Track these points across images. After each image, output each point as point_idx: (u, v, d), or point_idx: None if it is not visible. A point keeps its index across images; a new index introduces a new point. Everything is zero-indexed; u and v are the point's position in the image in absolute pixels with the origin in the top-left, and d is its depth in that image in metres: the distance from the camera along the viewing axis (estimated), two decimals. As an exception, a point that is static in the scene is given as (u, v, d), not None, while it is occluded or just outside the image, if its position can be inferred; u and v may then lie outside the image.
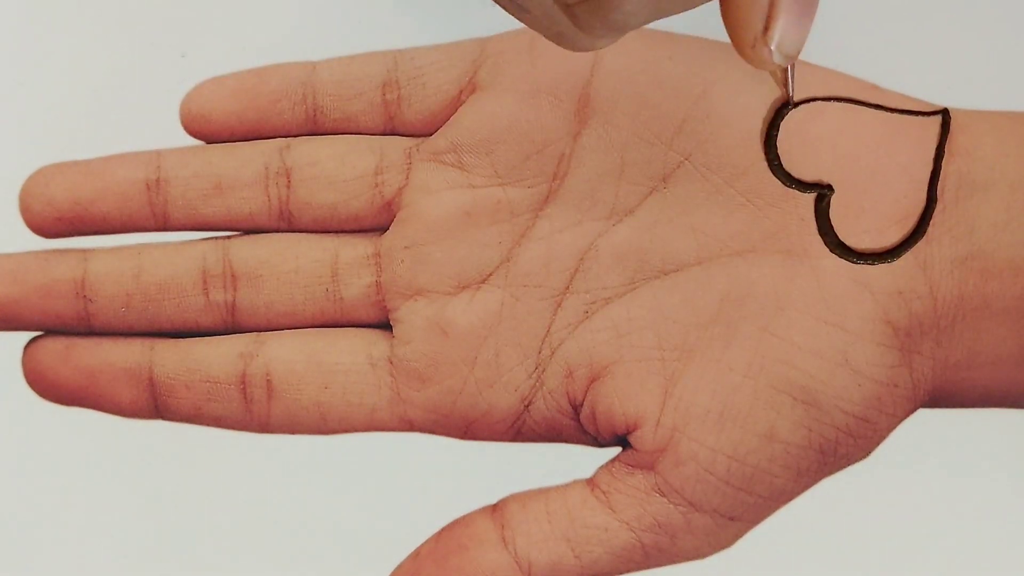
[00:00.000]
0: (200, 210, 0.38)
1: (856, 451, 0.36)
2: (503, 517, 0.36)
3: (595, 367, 0.36)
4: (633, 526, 0.36)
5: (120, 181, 0.38)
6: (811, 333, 0.35)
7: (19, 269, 0.38)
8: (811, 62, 0.37)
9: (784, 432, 0.35)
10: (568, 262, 0.37)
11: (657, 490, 0.36)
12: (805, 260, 0.36)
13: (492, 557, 0.36)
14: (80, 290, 0.37)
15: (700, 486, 0.35)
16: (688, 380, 0.36)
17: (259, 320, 0.38)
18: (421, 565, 0.36)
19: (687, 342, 0.36)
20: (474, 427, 0.37)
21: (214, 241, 0.38)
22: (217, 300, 0.38)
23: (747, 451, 0.35)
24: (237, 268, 0.38)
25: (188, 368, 0.37)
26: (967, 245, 0.35)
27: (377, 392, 0.37)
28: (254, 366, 0.37)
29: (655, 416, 0.36)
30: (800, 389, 0.35)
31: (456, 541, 0.36)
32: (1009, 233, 0.35)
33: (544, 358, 0.37)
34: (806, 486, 0.36)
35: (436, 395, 0.37)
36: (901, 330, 0.35)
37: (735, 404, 0.35)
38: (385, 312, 0.38)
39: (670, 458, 0.35)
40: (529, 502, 0.36)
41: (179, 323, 0.38)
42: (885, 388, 0.35)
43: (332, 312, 0.38)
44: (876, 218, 0.36)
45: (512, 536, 0.36)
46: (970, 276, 0.35)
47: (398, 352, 0.37)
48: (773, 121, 0.36)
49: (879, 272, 0.35)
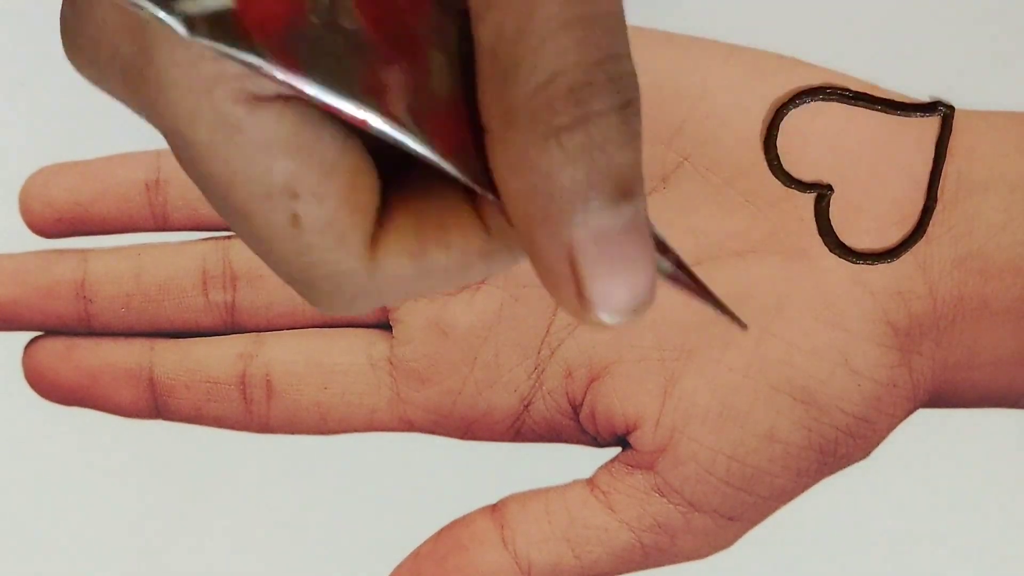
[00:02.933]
0: (200, 210, 0.38)
1: (856, 451, 0.36)
2: (503, 517, 0.36)
3: (595, 367, 0.36)
4: (633, 526, 0.36)
5: (120, 182, 0.38)
6: (811, 333, 0.35)
7: (19, 270, 0.38)
8: (811, 62, 0.37)
9: (784, 432, 0.35)
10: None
11: (657, 490, 0.36)
12: (805, 260, 0.36)
13: (492, 557, 0.36)
14: (80, 290, 0.37)
15: (700, 486, 0.35)
16: (688, 380, 0.36)
17: (259, 320, 0.38)
18: (421, 565, 0.36)
19: (687, 342, 0.36)
20: (474, 427, 0.37)
21: (214, 241, 0.38)
22: (217, 300, 0.38)
23: (747, 451, 0.35)
24: (237, 268, 0.38)
25: (188, 368, 0.37)
26: (966, 245, 0.35)
27: (377, 392, 0.37)
28: (254, 366, 0.37)
29: (655, 416, 0.36)
30: (800, 389, 0.35)
31: (456, 541, 0.36)
32: (1008, 233, 0.35)
33: (544, 358, 0.37)
34: (806, 486, 0.36)
35: (436, 395, 0.37)
36: (901, 330, 0.35)
37: (735, 404, 0.35)
38: (385, 312, 0.38)
39: (670, 458, 0.35)
40: (529, 502, 0.36)
41: (179, 323, 0.38)
42: (885, 388, 0.35)
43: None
44: (876, 218, 0.36)
45: (512, 536, 0.36)
46: (969, 276, 0.35)
47: (398, 352, 0.37)
48: (773, 121, 0.36)
49: (879, 272, 0.35)
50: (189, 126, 0.22)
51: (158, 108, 0.23)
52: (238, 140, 0.22)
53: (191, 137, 0.23)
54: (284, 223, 0.23)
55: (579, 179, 0.22)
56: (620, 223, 0.22)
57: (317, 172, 0.23)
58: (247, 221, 0.23)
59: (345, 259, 0.24)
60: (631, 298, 0.23)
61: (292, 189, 0.23)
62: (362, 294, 0.24)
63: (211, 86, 0.22)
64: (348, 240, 0.24)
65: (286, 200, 0.23)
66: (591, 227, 0.22)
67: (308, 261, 0.24)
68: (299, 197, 0.23)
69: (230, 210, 0.23)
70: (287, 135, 0.23)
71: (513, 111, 0.22)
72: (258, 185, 0.23)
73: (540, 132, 0.22)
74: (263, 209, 0.23)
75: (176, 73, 0.22)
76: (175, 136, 0.23)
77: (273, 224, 0.23)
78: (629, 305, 0.23)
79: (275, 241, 0.23)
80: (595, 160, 0.22)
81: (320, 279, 0.24)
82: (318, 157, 0.23)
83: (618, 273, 0.22)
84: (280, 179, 0.23)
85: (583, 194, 0.22)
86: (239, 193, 0.23)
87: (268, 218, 0.23)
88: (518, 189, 0.22)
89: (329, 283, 0.24)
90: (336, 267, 0.24)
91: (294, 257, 0.24)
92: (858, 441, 0.35)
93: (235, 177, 0.23)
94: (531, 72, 0.22)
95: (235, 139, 0.22)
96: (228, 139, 0.22)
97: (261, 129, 0.22)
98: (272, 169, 0.23)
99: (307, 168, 0.23)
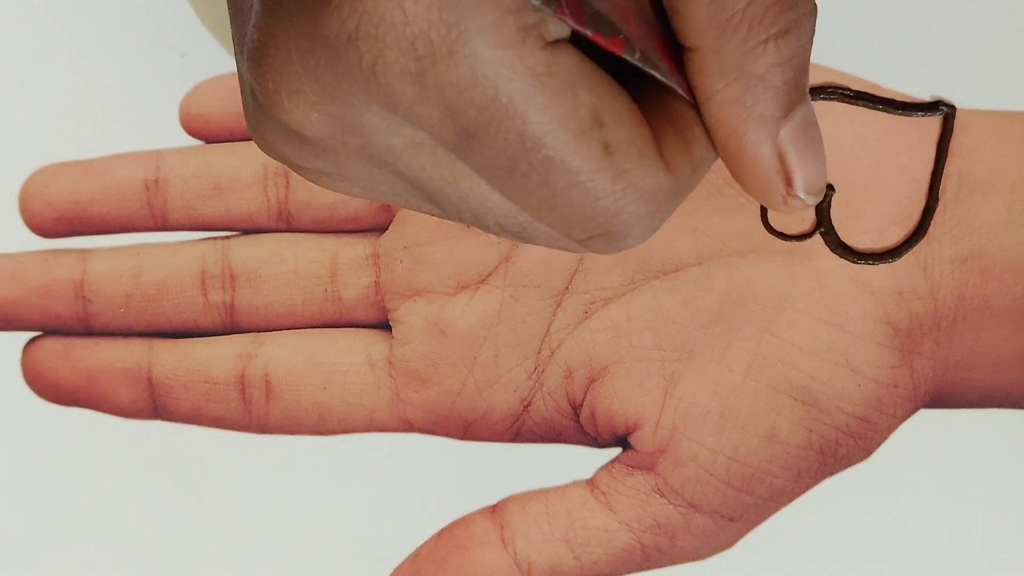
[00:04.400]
0: (199, 210, 0.38)
1: (856, 452, 0.36)
2: (503, 518, 0.36)
3: (595, 367, 0.36)
4: (633, 527, 0.36)
5: (119, 181, 0.38)
6: (811, 333, 0.35)
7: (18, 269, 0.38)
8: (812, 62, 0.36)
9: (784, 433, 0.35)
10: (567, 262, 0.37)
11: (657, 491, 0.35)
12: (805, 260, 0.36)
13: (491, 558, 0.36)
14: (79, 290, 0.37)
15: (700, 487, 0.35)
16: (688, 381, 0.36)
17: (258, 320, 0.38)
18: (421, 566, 0.36)
19: (687, 342, 0.36)
20: (473, 428, 0.37)
21: (213, 241, 0.38)
22: (216, 300, 0.38)
23: (747, 452, 0.35)
24: (236, 268, 0.38)
25: (187, 368, 0.37)
26: (967, 245, 0.35)
27: (376, 393, 0.37)
28: (253, 367, 0.37)
29: (655, 417, 0.36)
30: (800, 390, 0.35)
31: (456, 542, 0.36)
32: (1010, 233, 0.35)
33: (544, 359, 0.37)
34: (806, 487, 0.36)
35: (435, 396, 0.37)
36: (901, 331, 0.35)
37: (735, 405, 0.35)
38: (384, 312, 0.38)
39: (670, 459, 0.35)
40: (529, 503, 0.36)
41: (178, 323, 0.38)
42: (885, 389, 0.35)
43: (331, 312, 0.38)
44: (877, 218, 0.36)
45: (512, 537, 0.36)
46: (970, 276, 0.35)
47: (397, 352, 0.37)
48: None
49: (879, 272, 0.35)
50: (506, 83, 0.23)
51: (470, 80, 0.23)
52: (549, 83, 0.24)
53: (508, 96, 0.24)
54: (599, 154, 0.24)
55: (789, 78, 0.25)
56: (811, 113, 0.26)
57: (608, 98, 0.24)
58: (563, 168, 0.24)
59: (652, 175, 0.25)
60: (822, 178, 0.26)
61: (599, 117, 0.24)
62: (666, 207, 0.26)
63: (522, 38, 0.23)
64: (649, 156, 0.25)
65: (596, 130, 0.24)
66: (797, 120, 0.26)
67: (622, 189, 0.25)
68: (605, 124, 0.24)
69: (541, 168, 0.24)
70: (579, 70, 0.24)
71: (730, 23, 0.25)
72: (572, 122, 0.24)
73: (758, 38, 0.25)
74: (579, 147, 0.24)
75: (490, 35, 0.23)
76: (484, 110, 0.24)
77: (590, 159, 0.24)
78: (821, 185, 0.26)
79: (594, 176, 0.25)
80: (801, 60, 0.25)
81: (632, 205, 0.25)
82: (601, 85, 0.24)
83: (814, 157, 0.26)
84: (587, 111, 0.24)
85: (792, 92, 0.25)
86: (555, 139, 0.24)
87: (585, 154, 0.24)
88: (730, 95, 0.25)
89: (641, 207, 0.25)
90: (646, 187, 0.25)
91: (610, 190, 0.25)
92: (859, 442, 0.35)
93: (552, 123, 0.24)
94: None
95: (547, 84, 0.24)
96: (542, 86, 0.24)
97: (563, 69, 0.24)
98: (580, 103, 0.24)
99: (602, 96, 0.24)
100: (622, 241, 0.26)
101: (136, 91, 0.58)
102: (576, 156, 0.24)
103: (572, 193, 0.25)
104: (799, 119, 0.26)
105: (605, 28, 0.24)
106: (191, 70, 0.39)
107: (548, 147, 0.24)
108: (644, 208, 0.25)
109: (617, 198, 0.25)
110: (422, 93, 0.24)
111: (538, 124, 0.24)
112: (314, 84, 0.24)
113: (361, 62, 0.23)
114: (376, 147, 0.25)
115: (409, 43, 0.23)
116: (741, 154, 0.26)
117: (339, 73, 0.24)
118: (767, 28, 0.25)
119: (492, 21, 0.23)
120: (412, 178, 0.25)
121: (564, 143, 0.24)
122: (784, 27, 0.25)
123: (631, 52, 0.24)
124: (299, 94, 0.24)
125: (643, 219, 0.25)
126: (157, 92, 0.44)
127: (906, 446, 0.38)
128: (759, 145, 0.25)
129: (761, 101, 0.25)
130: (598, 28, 0.24)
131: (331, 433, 0.38)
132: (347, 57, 0.23)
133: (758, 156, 0.26)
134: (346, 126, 0.24)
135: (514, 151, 0.24)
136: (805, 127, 0.26)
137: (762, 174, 0.26)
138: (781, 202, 0.26)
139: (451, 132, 0.24)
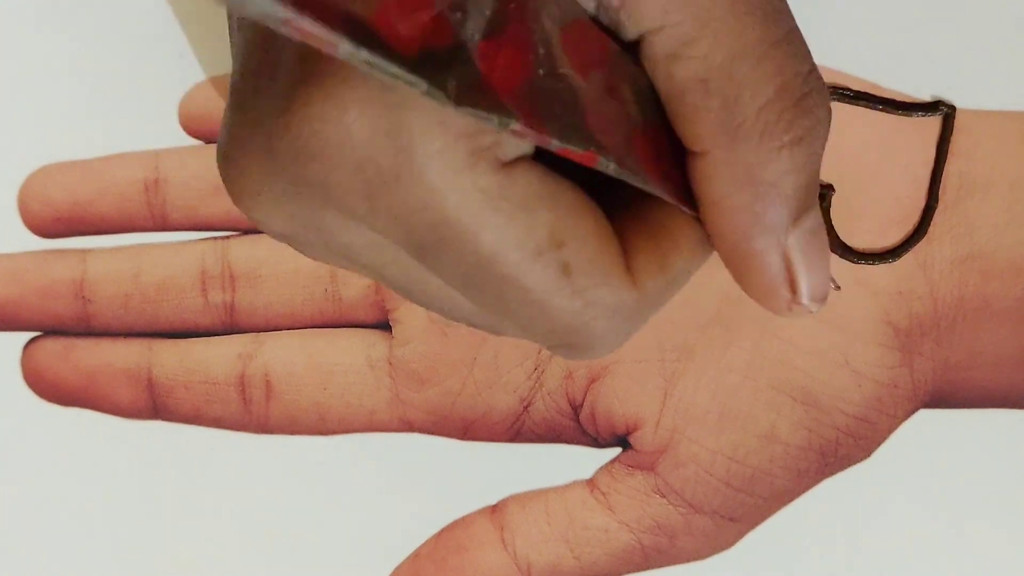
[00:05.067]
0: (199, 210, 0.38)
1: (856, 452, 0.36)
2: (502, 518, 0.36)
3: (594, 368, 0.36)
4: (633, 527, 0.35)
5: (119, 181, 0.38)
6: (811, 333, 0.35)
7: (18, 269, 0.38)
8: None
9: (784, 433, 0.35)
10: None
11: (657, 491, 0.35)
12: (805, 260, 0.36)
13: (491, 558, 0.36)
14: (79, 291, 0.37)
15: (700, 487, 0.35)
16: (688, 381, 0.35)
17: (258, 321, 0.38)
18: (420, 566, 0.36)
19: (687, 342, 0.36)
20: (473, 428, 0.37)
21: (212, 241, 0.38)
22: (216, 301, 0.38)
23: (747, 452, 0.35)
24: (236, 268, 0.38)
25: (187, 369, 0.37)
26: (967, 245, 0.35)
27: (376, 393, 0.37)
28: (253, 367, 0.37)
29: (655, 417, 0.36)
30: (800, 390, 0.35)
31: (455, 542, 0.36)
32: (1010, 233, 0.35)
33: (543, 359, 0.37)
34: (806, 487, 0.36)
35: (435, 396, 0.37)
36: (901, 331, 0.35)
37: (735, 405, 0.35)
38: (384, 312, 0.38)
39: (670, 459, 0.35)
40: (528, 503, 0.36)
41: (178, 324, 0.38)
42: (885, 389, 0.35)
43: (331, 312, 0.38)
44: (877, 218, 0.36)
45: (511, 537, 0.36)
46: (970, 276, 0.35)
47: (397, 353, 0.37)
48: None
49: (880, 272, 0.35)
50: (456, 208, 0.23)
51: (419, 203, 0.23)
52: (503, 207, 0.23)
53: (457, 219, 0.23)
54: (557, 274, 0.24)
55: (801, 185, 0.24)
56: (819, 219, 0.25)
57: (570, 216, 0.24)
58: (518, 287, 0.24)
59: (615, 292, 0.24)
60: (826, 284, 0.25)
61: (558, 238, 0.24)
62: (632, 323, 0.25)
63: (472, 163, 0.23)
64: (613, 273, 0.24)
65: (555, 251, 0.24)
66: (805, 228, 0.25)
67: (581, 307, 0.24)
68: (564, 244, 0.24)
69: (496, 284, 0.24)
70: (539, 189, 0.23)
71: (742, 128, 0.24)
72: (528, 243, 0.23)
73: (772, 145, 0.24)
74: (536, 267, 0.24)
75: (438, 161, 0.23)
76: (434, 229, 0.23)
77: (548, 278, 0.24)
78: (825, 291, 0.26)
79: (551, 296, 0.24)
80: (814, 167, 0.25)
81: (593, 322, 0.24)
82: (564, 202, 0.24)
83: (820, 264, 0.25)
84: (545, 232, 0.23)
85: (803, 199, 0.24)
86: (510, 259, 0.23)
87: (543, 274, 0.24)
88: (739, 202, 0.24)
89: (603, 323, 0.25)
90: (608, 304, 0.24)
91: (568, 308, 0.24)
92: (859, 442, 0.35)
93: (505, 244, 0.23)
94: (756, 91, 0.24)
95: (501, 207, 0.23)
96: (495, 209, 0.23)
97: (519, 189, 0.23)
98: (537, 224, 0.23)
99: (562, 215, 0.24)
100: (586, 353, 0.25)
101: (136, 91, 0.58)
102: (530, 276, 0.24)
103: (529, 310, 0.24)
104: (807, 226, 0.25)
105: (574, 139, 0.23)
106: (191, 70, 0.39)
107: (502, 266, 0.23)
108: (607, 324, 0.25)
109: (577, 315, 0.24)
110: (372, 210, 0.23)
111: (490, 245, 0.23)
112: (273, 187, 0.24)
113: (314, 178, 0.23)
114: (338, 244, 0.24)
115: (357, 166, 0.23)
116: (747, 261, 0.25)
117: (296, 181, 0.23)
118: (781, 135, 0.24)
119: (440, 147, 0.22)
120: (378, 274, 0.25)
121: (517, 265, 0.23)
122: (799, 135, 0.24)
123: (605, 164, 0.23)
124: (260, 195, 0.24)
125: (607, 335, 0.25)
126: (157, 92, 0.44)
127: (906, 446, 0.38)
128: (766, 253, 0.25)
129: (771, 208, 0.24)
130: (566, 140, 0.23)
131: (331, 433, 0.38)
132: (301, 172, 0.23)
133: (765, 264, 0.25)
134: (307, 226, 0.24)
135: (468, 268, 0.23)
136: (812, 234, 0.25)
137: (767, 281, 0.25)
138: (785, 308, 0.25)
139: (406, 244, 0.24)
